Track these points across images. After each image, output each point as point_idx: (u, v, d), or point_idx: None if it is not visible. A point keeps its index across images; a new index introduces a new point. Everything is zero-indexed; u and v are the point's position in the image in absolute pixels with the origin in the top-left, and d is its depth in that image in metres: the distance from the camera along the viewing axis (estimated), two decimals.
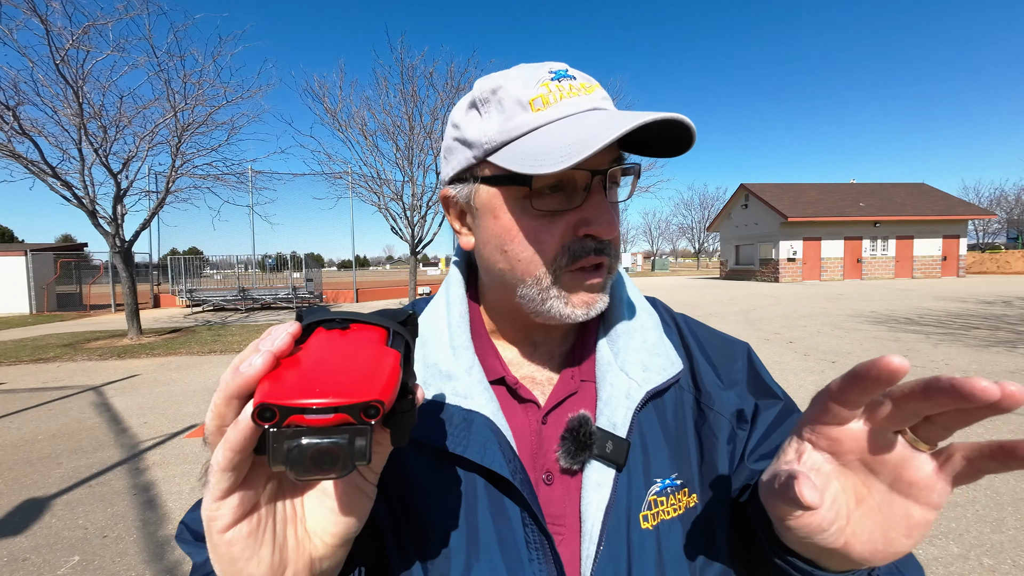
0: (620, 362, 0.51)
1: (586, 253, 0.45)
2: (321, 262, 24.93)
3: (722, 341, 0.58)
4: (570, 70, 0.47)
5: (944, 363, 6.13)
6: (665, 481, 0.48)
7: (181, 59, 9.06)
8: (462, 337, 0.52)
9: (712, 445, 0.51)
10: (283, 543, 0.31)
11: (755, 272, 27.49)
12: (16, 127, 7.76)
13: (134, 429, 4.49)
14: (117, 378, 6.57)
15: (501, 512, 0.45)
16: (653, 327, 0.54)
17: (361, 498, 0.34)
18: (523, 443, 0.48)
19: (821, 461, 0.33)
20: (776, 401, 0.54)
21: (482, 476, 0.46)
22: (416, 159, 12.41)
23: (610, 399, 0.48)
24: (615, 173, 0.46)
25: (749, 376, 0.55)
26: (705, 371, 0.54)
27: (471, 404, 0.47)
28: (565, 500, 0.47)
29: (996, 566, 2.25)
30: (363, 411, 0.25)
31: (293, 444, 0.24)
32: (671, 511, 0.47)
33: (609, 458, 0.46)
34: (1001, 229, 50.94)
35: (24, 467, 3.66)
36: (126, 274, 9.28)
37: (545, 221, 0.45)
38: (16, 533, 2.73)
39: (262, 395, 0.25)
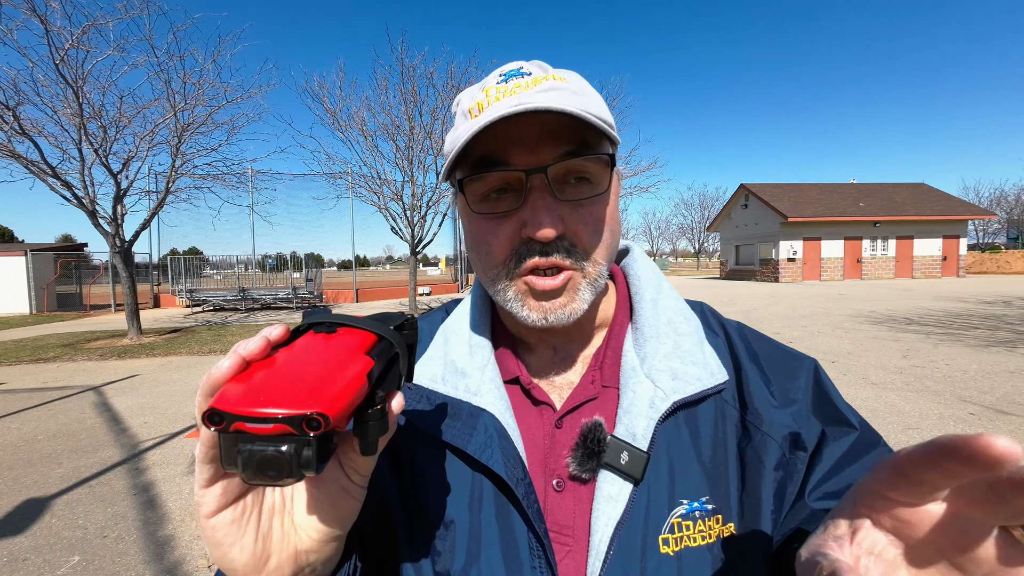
0: (646, 368, 0.47)
1: (530, 255, 0.44)
2: (321, 262, 24.91)
3: (783, 354, 0.52)
4: (526, 67, 0.46)
5: (944, 363, 6.14)
6: (693, 504, 0.43)
7: (181, 59, 9.07)
8: (480, 336, 0.52)
9: (756, 470, 0.45)
10: (267, 533, 0.32)
11: (755, 272, 27.49)
12: (16, 127, 7.76)
13: (134, 429, 4.49)
14: (117, 378, 6.57)
15: (505, 515, 0.44)
16: (690, 332, 0.50)
17: (347, 499, 0.34)
18: (534, 445, 0.47)
19: (884, 544, 0.25)
20: (849, 430, 0.46)
21: (487, 477, 0.45)
22: (416, 159, 12.41)
23: (631, 407, 0.45)
24: (559, 170, 0.43)
25: (814, 397, 0.49)
26: (755, 386, 0.48)
27: (479, 401, 0.47)
28: (575, 510, 0.44)
29: None
30: (305, 422, 0.24)
31: (244, 448, 0.25)
32: (699, 538, 0.42)
33: (623, 470, 0.43)
34: (1001, 229, 50.96)
35: (24, 467, 3.66)
36: (126, 274, 9.28)
37: (493, 224, 0.45)
38: (16, 533, 2.73)
39: (214, 400, 0.26)
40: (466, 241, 0.49)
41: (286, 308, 16.45)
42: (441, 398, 0.48)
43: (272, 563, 0.32)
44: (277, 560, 0.32)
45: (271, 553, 0.32)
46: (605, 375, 0.50)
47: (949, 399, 4.70)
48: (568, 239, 0.44)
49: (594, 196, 0.44)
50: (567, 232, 0.44)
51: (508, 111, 0.39)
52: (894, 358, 6.54)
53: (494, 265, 0.46)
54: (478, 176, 0.43)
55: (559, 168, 0.43)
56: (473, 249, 0.48)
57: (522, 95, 0.42)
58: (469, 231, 0.48)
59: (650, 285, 0.54)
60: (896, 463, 0.23)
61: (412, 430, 0.48)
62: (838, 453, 0.45)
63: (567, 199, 0.44)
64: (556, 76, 0.44)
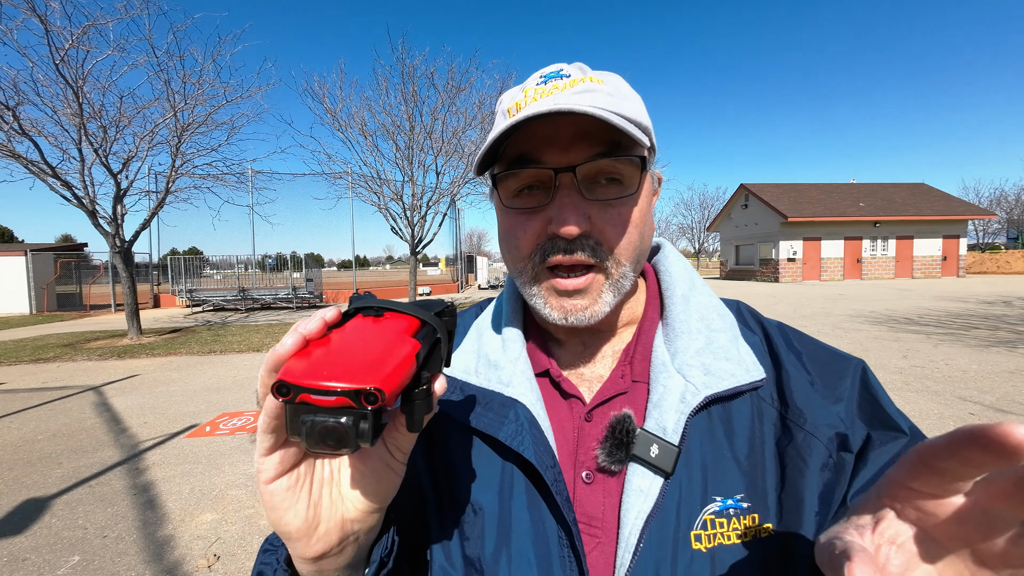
0: (677, 364, 0.47)
1: (554, 252, 0.45)
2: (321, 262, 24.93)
3: (828, 354, 0.50)
4: (566, 69, 0.47)
5: (944, 363, 6.13)
6: (728, 501, 0.43)
7: (181, 59, 9.07)
8: (513, 330, 0.54)
9: (798, 470, 0.43)
10: (318, 501, 0.35)
11: (755, 272, 27.49)
12: (16, 127, 7.76)
13: (134, 429, 4.49)
14: (117, 378, 6.57)
15: (536, 504, 0.45)
16: (724, 329, 0.50)
17: (389, 473, 0.37)
18: (563, 438, 0.47)
19: (907, 535, 0.25)
20: (899, 435, 0.44)
21: (518, 466, 0.46)
22: (416, 159, 12.41)
23: (661, 401, 0.45)
24: (583, 171, 0.44)
25: (861, 398, 0.46)
26: (797, 384, 0.47)
27: (511, 392, 0.48)
28: (605, 503, 0.44)
29: None
30: (364, 397, 0.27)
31: (307, 419, 0.27)
32: (733, 536, 0.42)
33: (653, 463, 0.42)
34: (1001, 229, 50.90)
35: (24, 467, 3.66)
36: (126, 274, 9.28)
37: (522, 219, 0.46)
38: (16, 533, 2.73)
39: (282, 372, 0.28)
40: (499, 235, 0.51)
41: (286, 308, 16.45)
42: (474, 389, 0.50)
43: (321, 529, 0.34)
44: (326, 527, 0.35)
45: (321, 520, 0.34)
46: (635, 370, 0.50)
47: (949, 399, 4.70)
48: (594, 237, 0.45)
49: (623, 197, 0.45)
50: (593, 231, 0.45)
51: (537, 111, 0.40)
52: (894, 358, 6.54)
53: (520, 258, 0.47)
54: (511, 172, 0.45)
55: (589, 168, 0.44)
56: (503, 242, 0.49)
57: (558, 96, 0.43)
58: (501, 225, 0.49)
59: (682, 281, 0.54)
60: (919, 453, 0.23)
61: (445, 419, 0.50)
62: (885, 458, 0.43)
63: (596, 198, 0.44)
64: (594, 78, 0.45)
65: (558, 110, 0.40)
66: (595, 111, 0.40)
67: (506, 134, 0.43)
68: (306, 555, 0.35)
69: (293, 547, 0.35)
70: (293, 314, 14.78)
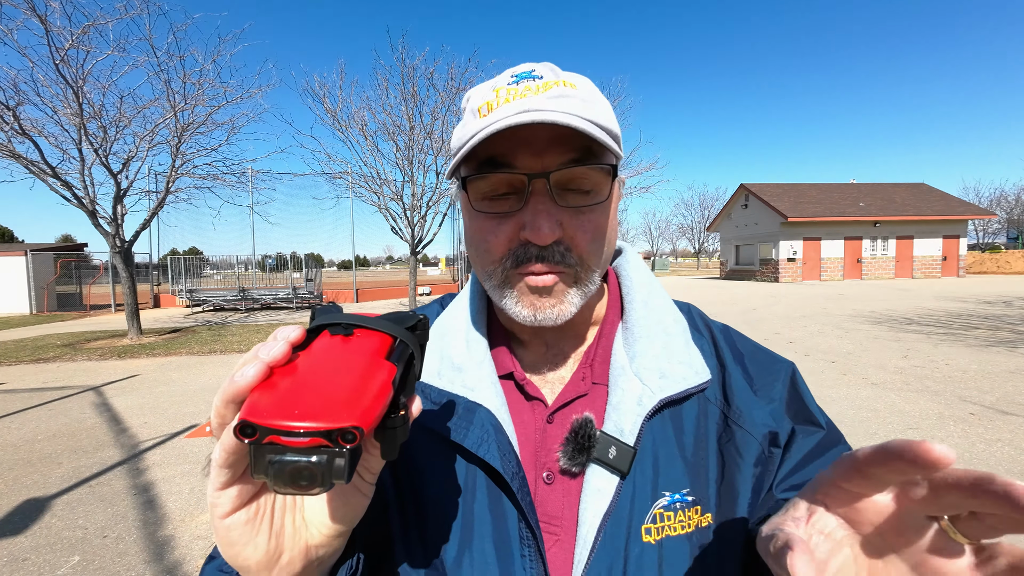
0: (635, 367, 0.49)
1: (527, 259, 0.45)
2: (321, 262, 24.92)
3: (764, 356, 0.54)
4: (537, 69, 0.47)
5: (944, 363, 6.14)
6: (675, 496, 0.45)
7: (181, 59, 9.07)
8: (477, 332, 0.53)
9: (735, 464, 0.47)
10: (280, 531, 0.33)
11: (755, 272, 27.49)
12: (16, 127, 7.76)
13: (134, 429, 4.49)
14: (117, 378, 6.57)
15: (498, 506, 0.45)
16: (679, 333, 0.52)
17: (357, 496, 0.35)
18: (526, 440, 0.48)
19: (834, 526, 0.30)
20: (816, 429, 0.50)
21: (482, 469, 0.47)
22: (416, 159, 12.41)
23: (619, 404, 0.47)
24: (556, 178, 0.43)
25: (789, 397, 0.51)
26: (739, 385, 0.51)
27: (476, 396, 0.48)
28: (564, 502, 0.46)
29: None
30: (340, 436, 0.25)
31: (274, 459, 0.25)
32: (678, 528, 0.44)
33: (611, 464, 0.44)
34: (1001, 229, 50.93)
35: (24, 467, 3.66)
36: (126, 274, 9.28)
37: (493, 223, 0.46)
38: (16, 533, 2.73)
39: (245, 411, 0.25)
40: (465, 237, 0.51)
41: (286, 308, 16.45)
42: (437, 393, 0.50)
43: (284, 559, 0.33)
44: (289, 556, 0.33)
45: (283, 550, 0.33)
46: (595, 372, 0.51)
47: (949, 399, 4.70)
48: (565, 244, 0.45)
49: (594, 204, 0.45)
50: (564, 237, 0.45)
51: (515, 121, 0.40)
52: (894, 358, 6.54)
53: (491, 262, 0.47)
54: (482, 176, 0.44)
55: (562, 175, 0.44)
56: (472, 245, 0.49)
57: (531, 99, 0.43)
58: (469, 227, 0.49)
59: (642, 286, 0.56)
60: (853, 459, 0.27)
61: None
62: (805, 449, 0.48)
63: (568, 205, 0.44)
64: (566, 82, 0.45)
65: (540, 121, 0.39)
66: (575, 121, 0.40)
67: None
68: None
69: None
70: (293, 314, 14.78)
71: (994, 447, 3.55)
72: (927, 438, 0.24)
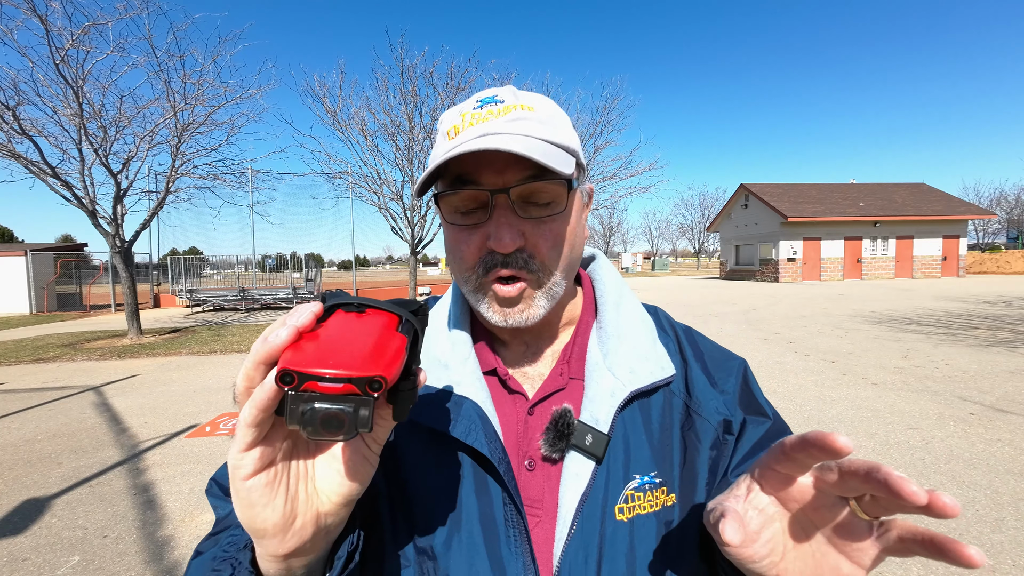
0: (608, 363, 0.54)
1: (493, 266, 0.50)
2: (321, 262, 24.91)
3: (721, 354, 0.61)
4: (500, 94, 0.52)
5: (944, 363, 6.14)
6: (644, 478, 0.50)
7: (181, 59, 9.07)
8: (461, 332, 0.58)
9: (695, 449, 0.52)
10: (295, 496, 0.35)
11: (755, 272, 27.49)
12: (16, 127, 7.76)
13: (134, 429, 4.49)
14: (117, 378, 6.57)
15: (484, 491, 0.49)
16: (646, 333, 0.57)
17: (364, 464, 0.38)
18: (509, 430, 0.52)
19: (767, 503, 0.36)
20: (764, 420, 0.55)
21: (469, 457, 0.50)
22: (416, 159, 12.40)
23: (595, 396, 0.52)
24: (516, 192, 0.48)
25: (741, 390, 0.57)
26: (698, 378, 0.56)
27: (462, 391, 0.52)
28: (544, 486, 0.50)
29: (996, 566, 2.25)
30: (368, 384, 0.28)
31: (307, 407, 0.28)
32: (647, 507, 0.49)
33: (588, 450, 0.49)
34: (1001, 229, 50.90)
35: (24, 467, 3.67)
36: (126, 274, 9.28)
37: (465, 234, 0.51)
38: (16, 533, 2.73)
39: (285, 362, 0.29)
40: (445, 246, 0.56)
41: (286, 308, 16.42)
42: (424, 388, 0.53)
43: (297, 523, 0.35)
44: (302, 521, 0.35)
45: (297, 514, 0.35)
46: (572, 368, 0.56)
47: (949, 399, 4.70)
48: (528, 251, 0.50)
49: (553, 215, 0.50)
50: (527, 245, 0.49)
51: (473, 147, 0.44)
52: (894, 358, 6.54)
53: (465, 269, 0.52)
54: (451, 192, 0.49)
55: (521, 190, 0.48)
56: (449, 253, 0.54)
57: (492, 123, 0.49)
58: (447, 237, 0.54)
59: (613, 290, 0.61)
60: (782, 445, 0.34)
61: None
62: (755, 438, 0.54)
63: (529, 216, 0.49)
64: (524, 105, 0.50)
65: (499, 148, 0.44)
66: (524, 152, 0.44)
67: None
68: (279, 552, 0.35)
69: (266, 544, 0.35)
70: None
71: (994, 447, 3.55)
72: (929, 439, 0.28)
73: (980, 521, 2.61)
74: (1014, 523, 2.58)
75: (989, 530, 2.52)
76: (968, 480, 3.06)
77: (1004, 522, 2.59)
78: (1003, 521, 2.60)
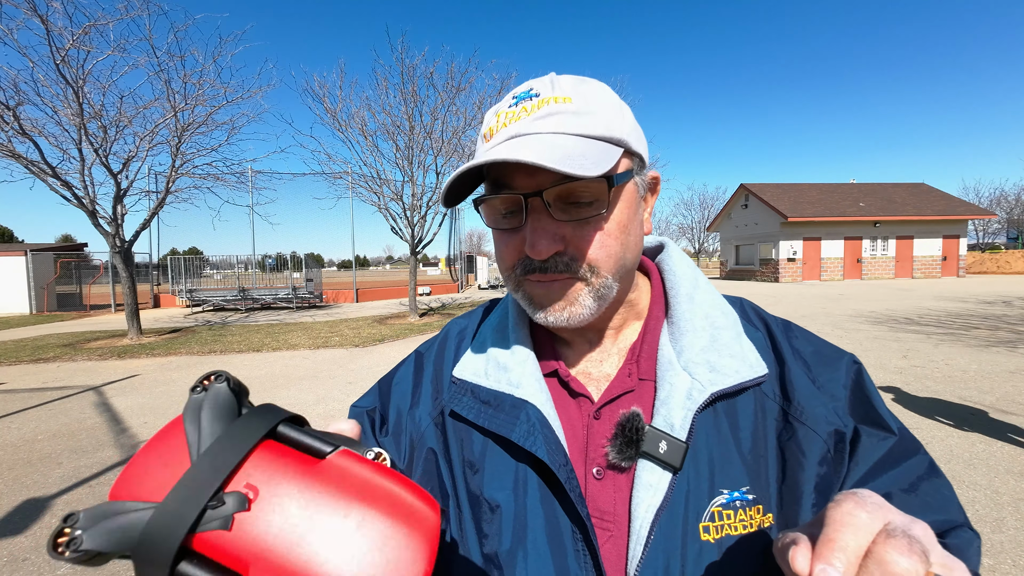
0: (683, 361, 0.48)
1: (532, 270, 0.47)
2: (321, 262, 24.90)
3: (828, 351, 0.52)
4: (536, 87, 0.48)
5: (944, 363, 6.13)
6: (734, 493, 0.44)
7: (181, 59, 9.06)
8: (520, 332, 0.55)
9: (798, 463, 0.45)
10: None
11: (755, 272, 27.48)
12: (16, 127, 7.76)
13: (134, 429, 4.49)
14: (117, 378, 6.57)
15: (548, 500, 0.46)
16: (728, 326, 0.51)
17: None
18: (573, 436, 0.49)
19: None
20: (887, 434, 0.46)
21: (531, 465, 0.47)
22: (416, 159, 12.40)
23: (668, 399, 0.47)
24: (550, 195, 0.44)
25: (853, 395, 0.48)
26: (799, 380, 0.48)
27: (522, 393, 0.49)
28: (615, 497, 0.46)
29: (996, 566, 2.25)
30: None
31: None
32: (739, 527, 0.43)
33: (662, 459, 0.44)
34: (1001, 229, 50.83)
35: (24, 467, 3.66)
36: (126, 274, 9.28)
37: (505, 237, 0.49)
38: (16, 533, 2.73)
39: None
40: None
41: (286, 308, 16.44)
42: (485, 392, 0.52)
43: None
44: None
45: None
46: (642, 368, 0.51)
47: (949, 399, 4.69)
48: (569, 254, 0.46)
49: (593, 216, 0.46)
50: (568, 248, 0.46)
51: (484, 160, 0.43)
52: (894, 358, 6.53)
53: (506, 270, 0.51)
54: (487, 197, 0.48)
55: (558, 191, 0.45)
56: (496, 257, 0.53)
57: (521, 123, 0.46)
58: (493, 241, 0.53)
59: (685, 280, 0.55)
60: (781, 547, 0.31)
61: (459, 421, 0.52)
62: (875, 457, 0.46)
63: (569, 219, 0.46)
64: (561, 97, 0.46)
65: (504, 159, 0.41)
66: (535, 160, 0.40)
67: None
68: None
69: None
70: (293, 314, 14.77)
71: (994, 447, 3.56)
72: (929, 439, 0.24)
73: (980, 521, 2.61)
74: (1014, 523, 2.58)
75: (989, 530, 2.52)
76: (968, 480, 3.05)
77: (1004, 522, 2.59)
78: (1003, 521, 2.60)
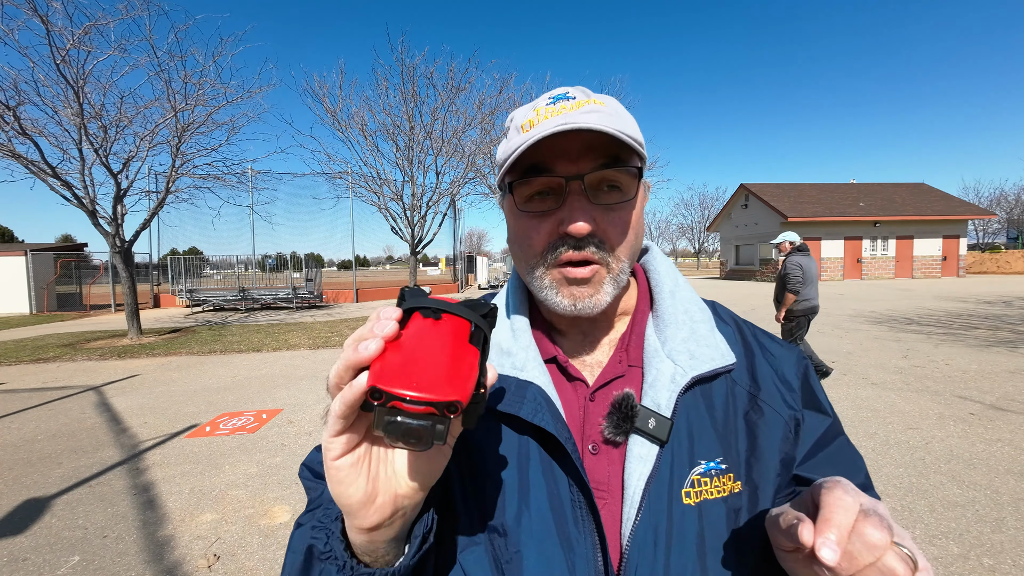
0: (667, 350, 0.55)
1: (565, 248, 0.51)
2: (321, 262, 24.87)
3: (783, 349, 0.61)
4: (571, 91, 0.53)
5: (944, 363, 6.14)
6: (710, 463, 0.51)
7: (182, 59, 9.07)
8: (521, 321, 0.59)
9: (766, 439, 0.53)
10: (376, 476, 0.39)
11: (755, 272, 27.48)
12: (17, 127, 7.76)
13: (134, 429, 4.49)
14: (117, 378, 6.57)
15: (551, 472, 0.50)
16: (704, 320, 0.58)
17: (438, 456, 0.41)
18: (571, 415, 0.54)
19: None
20: (825, 417, 0.56)
21: (534, 439, 0.52)
22: (416, 159, 12.41)
23: (655, 382, 0.52)
24: (592, 179, 0.50)
25: (803, 385, 0.58)
26: (764, 370, 0.57)
27: (526, 375, 0.53)
28: (609, 470, 0.51)
29: (996, 566, 2.25)
30: (446, 408, 0.31)
31: (392, 419, 0.32)
32: (715, 492, 0.50)
33: (651, 434, 0.50)
34: (1001, 229, 50.84)
35: (24, 467, 3.67)
36: (126, 274, 9.29)
37: (535, 221, 0.53)
38: (16, 533, 2.73)
39: (374, 378, 0.32)
40: (509, 237, 0.58)
41: (286, 308, 16.44)
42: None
43: (378, 501, 0.39)
44: (382, 499, 0.39)
45: (378, 493, 0.39)
46: (631, 356, 0.57)
47: (949, 399, 4.70)
48: (598, 236, 0.51)
49: (623, 202, 0.52)
50: (598, 231, 0.51)
51: (557, 128, 0.47)
52: (894, 358, 6.54)
53: (534, 255, 0.54)
54: (526, 180, 0.52)
55: (595, 176, 0.50)
56: (516, 242, 0.56)
57: (568, 115, 0.50)
58: (515, 226, 0.56)
59: (668, 279, 0.62)
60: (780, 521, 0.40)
61: None
62: (815, 436, 0.55)
63: (600, 203, 0.51)
64: (596, 101, 0.52)
65: (580, 127, 0.46)
66: (607, 128, 0.47)
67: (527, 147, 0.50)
68: (364, 525, 0.39)
69: (353, 518, 0.39)
70: (293, 314, 14.77)
71: (994, 447, 3.56)
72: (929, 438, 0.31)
73: (980, 521, 2.61)
74: (1014, 523, 2.58)
75: (989, 530, 2.52)
76: (968, 480, 3.06)
77: (1004, 522, 2.59)
78: (1003, 521, 2.60)
